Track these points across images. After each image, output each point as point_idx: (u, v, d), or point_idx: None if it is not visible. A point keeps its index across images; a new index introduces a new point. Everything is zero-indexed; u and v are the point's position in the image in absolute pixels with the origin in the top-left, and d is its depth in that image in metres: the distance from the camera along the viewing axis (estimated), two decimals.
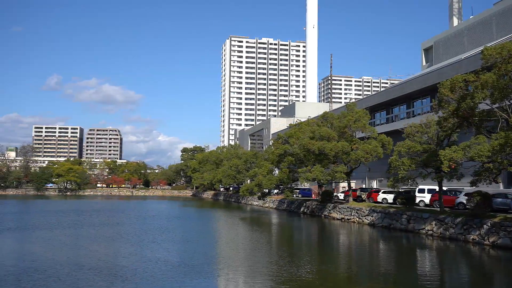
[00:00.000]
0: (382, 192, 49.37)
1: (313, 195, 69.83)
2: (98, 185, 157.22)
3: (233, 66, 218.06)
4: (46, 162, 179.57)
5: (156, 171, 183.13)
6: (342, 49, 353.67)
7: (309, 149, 48.87)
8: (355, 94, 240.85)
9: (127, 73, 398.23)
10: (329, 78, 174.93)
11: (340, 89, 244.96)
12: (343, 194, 57.75)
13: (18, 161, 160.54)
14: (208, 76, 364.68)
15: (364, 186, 64.79)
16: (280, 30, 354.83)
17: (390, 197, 47.21)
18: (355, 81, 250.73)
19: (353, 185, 55.59)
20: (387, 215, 39.78)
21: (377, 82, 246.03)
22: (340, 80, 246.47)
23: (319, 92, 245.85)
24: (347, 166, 49.37)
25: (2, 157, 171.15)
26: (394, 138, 47.20)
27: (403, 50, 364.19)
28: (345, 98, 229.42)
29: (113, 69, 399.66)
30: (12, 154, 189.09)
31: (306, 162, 53.14)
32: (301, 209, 59.10)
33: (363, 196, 52.52)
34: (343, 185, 63.38)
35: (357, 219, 44.17)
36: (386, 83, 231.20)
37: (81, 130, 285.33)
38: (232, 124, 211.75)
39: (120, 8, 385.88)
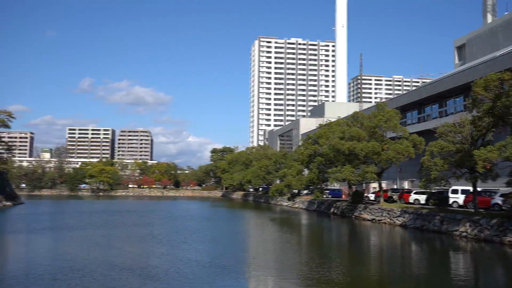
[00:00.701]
0: (414, 193, 48.61)
1: (343, 196, 69.28)
2: (130, 185, 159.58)
3: (262, 66, 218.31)
4: (79, 163, 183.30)
5: (186, 171, 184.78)
6: (372, 48, 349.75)
7: (339, 149, 48.52)
8: (386, 93, 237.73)
9: (157, 75, 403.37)
10: (359, 77, 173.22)
11: (370, 88, 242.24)
12: (373, 195, 57.10)
13: (53, 162, 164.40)
14: (237, 77, 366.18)
15: (395, 186, 63.90)
16: (309, 30, 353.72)
17: (422, 198, 46.44)
18: (385, 80, 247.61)
19: (384, 185, 54.91)
20: (419, 216, 39.10)
21: (408, 81, 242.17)
22: (370, 80, 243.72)
23: (349, 92, 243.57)
24: (377, 166, 48.78)
25: (38, 159, 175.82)
26: (426, 138, 46.33)
27: (434, 48, 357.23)
28: (375, 98, 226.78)
29: (143, 71, 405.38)
30: (47, 156, 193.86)
31: (336, 162, 52.79)
32: (331, 210, 58.70)
33: (394, 197, 51.83)
34: (374, 185, 62.68)
35: (389, 220, 43.58)
36: (418, 82, 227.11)
37: (113, 132, 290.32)
38: (261, 124, 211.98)
39: (149, 12, 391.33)
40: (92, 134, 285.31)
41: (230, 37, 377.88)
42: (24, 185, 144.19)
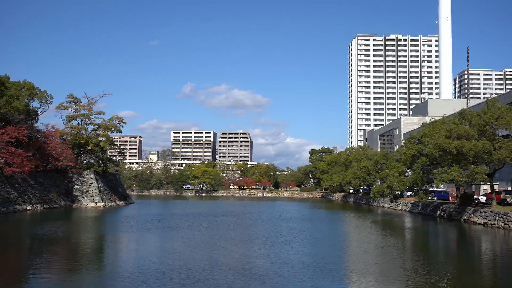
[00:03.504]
0: None
1: (450, 198, 65.74)
2: (231, 186, 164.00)
3: (361, 65, 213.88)
4: (184, 165, 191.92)
5: (285, 173, 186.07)
6: (479, 41, 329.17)
7: (445, 149, 46.07)
8: (496, 88, 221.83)
9: (254, 77, 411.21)
10: (466, 72, 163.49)
11: (478, 84, 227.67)
12: (484, 197, 53.52)
13: (159, 164, 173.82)
14: (335, 77, 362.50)
15: (509, 188, 59.38)
16: (409, 25, 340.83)
17: None
18: (495, 74, 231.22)
19: (496, 187, 51.29)
20: None
21: None
22: (478, 75, 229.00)
23: (454, 89, 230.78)
24: (489, 166, 45.65)
25: (146, 161, 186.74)
26: None
27: None
28: (485, 94, 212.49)
29: (240, 75, 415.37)
30: (154, 158, 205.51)
31: (442, 163, 50.21)
32: (437, 213, 55.92)
33: (508, 199, 48.13)
34: (485, 187, 58.80)
35: (502, 225, 40.57)
36: None
37: (214, 134, 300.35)
38: (361, 124, 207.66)
39: (245, 15, 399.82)
40: (194, 137, 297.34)
41: (327, 37, 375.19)
42: (135, 185, 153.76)
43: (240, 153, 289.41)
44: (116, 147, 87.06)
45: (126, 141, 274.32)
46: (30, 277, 19.47)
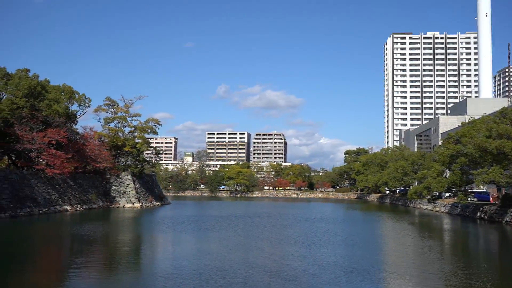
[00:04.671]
0: None
1: (491, 199, 63.94)
2: (265, 187, 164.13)
3: (396, 64, 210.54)
4: (218, 166, 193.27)
5: (320, 173, 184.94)
6: None
7: (486, 149, 44.89)
8: None
9: (288, 78, 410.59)
10: (506, 70, 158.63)
11: None
12: None
13: (194, 165, 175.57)
14: (369, 76, 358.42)
15: None
16: (446, 22, 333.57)
17: None
18: None
19: None
20: None
21: None
22: None
23: (494, 87, 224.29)
24: None
25: (181, 162, 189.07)
26: None
27: None
28: None
29: (274, 76, 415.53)
30: (189, 159, 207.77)
31: (482, 163, 48.92)
32: (477, 214, 54.45)
33: None
34: None
35: None
36: None
37: (248, 135, 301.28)
38: (397, 124, 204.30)
39: (276, 14, 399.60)
40: (229, 138, 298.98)
41: (361, 36, 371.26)
42: (171, 186, 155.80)
43: (274, 154, 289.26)
44: (152, 148, 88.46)
45: (162, 143, 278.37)
46: (71, 276, 19.96)
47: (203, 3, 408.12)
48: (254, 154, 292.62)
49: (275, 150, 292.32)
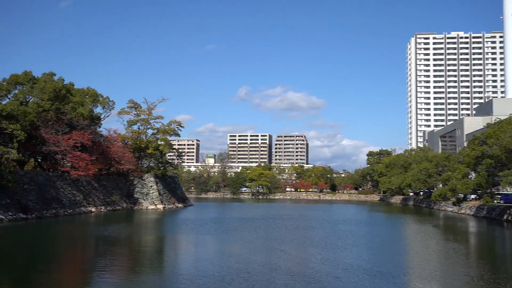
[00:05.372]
0: None
1: None
2: (287, 189, 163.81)
3: (420, 64, 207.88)
4: (240, 167, 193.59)
5: (342, 175, 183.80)
6: None
7: None
8: None
9: (309, 79, 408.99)
10: None
11: None
12: None
13: (216, 167, 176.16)
14: (392, 76, 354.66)
15: None
16: (471, 22, 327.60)
17: None
18: None
19: None
20: None
21: None
22: None
23: None
24: None
25: (203, 164, 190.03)
26: None
27: None
28: None
29: (295, 77, 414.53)
30: (211, 161, 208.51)
31: (508, 164, 47.96)
32: (504, 217, 53.33)
33: None
34: None
35: None
36: None
37: (270, 137, 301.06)
38: (420, 125, 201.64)
39: (295, 14, 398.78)
40: (250, 139, 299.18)
41: (383, 36, 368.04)
42: (193, 188, 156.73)
43: (296, 155, 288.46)
44: (175, 150, 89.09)
45: (184, 145, 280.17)
46: (96, 277, 20.23)
47: (224, 4, 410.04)
48: (275, 156, 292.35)
49: (296, 151, 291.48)
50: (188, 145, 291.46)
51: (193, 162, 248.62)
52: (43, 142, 55.03)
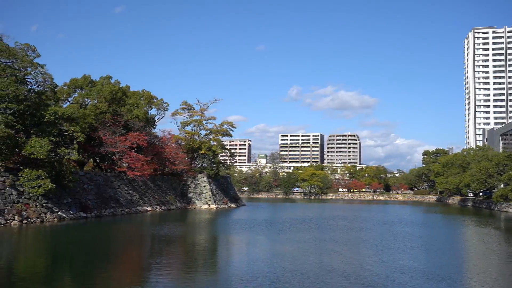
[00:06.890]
0: None
1: None
2: (340, 189, 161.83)
3: (478, 60, 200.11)
4: (292, 167, 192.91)
5: (396, 175, 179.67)
6: None
7: None
8: None
9: (361, 78, 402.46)
10: None
11: None
12: None
13: (268, 167, 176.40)
14: (448, 73, 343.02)
15: None
16: None
17: None
18: None
19: None
20: None
21: None
22: None
23: None
24: None
25: (255, 164, 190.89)
26: None
27: None
28: None
29: (346, 76, 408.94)
30: (262, 161, 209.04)
31: None
32: None
33: None
34: None
35: None
36: None
37: (322, 137, 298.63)
38: (479, 123, 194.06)
39: (346, 14, 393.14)
40: (302, 139, 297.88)
41: (438, 32, 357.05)
42: (245, 188, 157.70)
43: (348, 155, 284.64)
44: (227, 151, 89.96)
45: (236, 145, 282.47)
46: (152, 275, 20.65)
47: (273, 4, 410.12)
48: (327, 155, 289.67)
49: (349, 151, 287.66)
50: (240, 145, 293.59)
51: (245, 162, 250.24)
52: (101, 144, 56.94)
